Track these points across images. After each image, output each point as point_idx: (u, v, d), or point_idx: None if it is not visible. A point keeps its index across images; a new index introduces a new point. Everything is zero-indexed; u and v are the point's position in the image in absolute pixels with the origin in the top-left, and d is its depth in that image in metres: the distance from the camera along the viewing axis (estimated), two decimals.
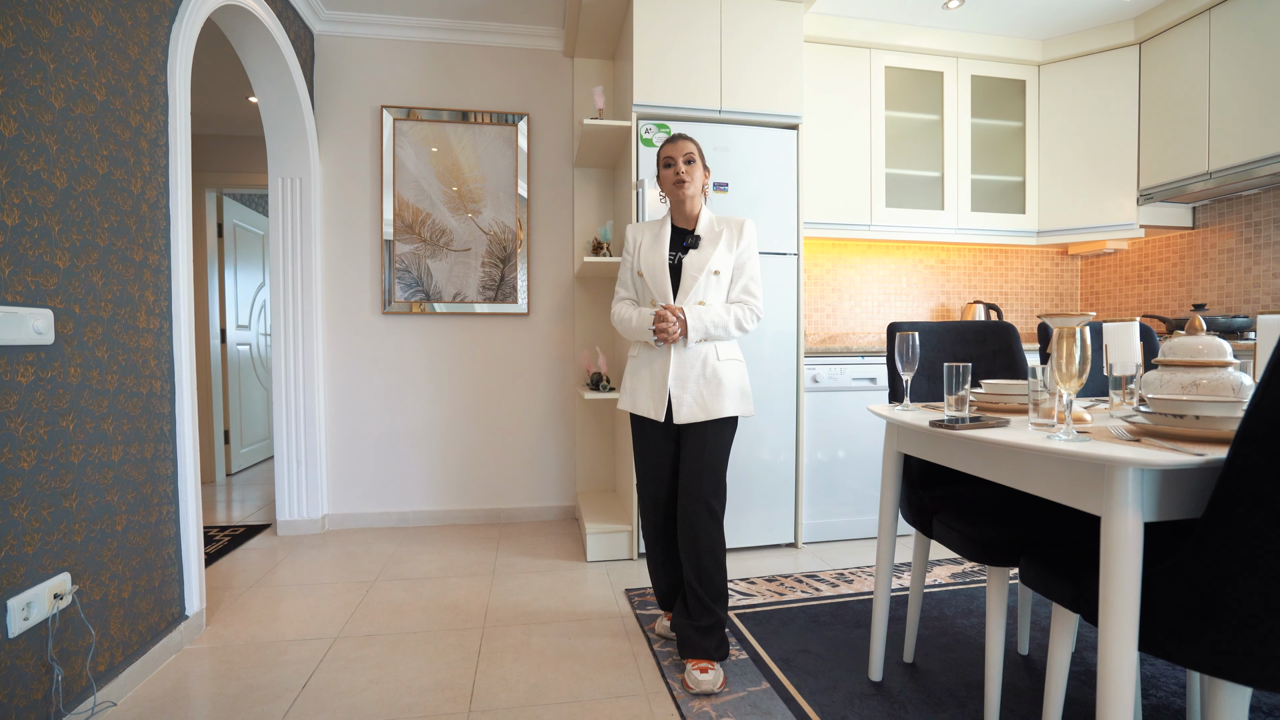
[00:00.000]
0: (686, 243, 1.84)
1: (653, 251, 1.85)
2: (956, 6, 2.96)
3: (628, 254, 1.93)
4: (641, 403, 1.85)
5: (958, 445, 1.36)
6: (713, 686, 1.63)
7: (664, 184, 1.86)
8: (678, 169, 1.81)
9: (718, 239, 1.83)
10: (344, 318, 3.11)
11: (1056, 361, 1.12)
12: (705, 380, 1.79)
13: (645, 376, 1.85)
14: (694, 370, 1.79)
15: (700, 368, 1.79)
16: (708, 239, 1.83)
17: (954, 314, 3.63)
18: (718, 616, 1.72)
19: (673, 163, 1.82)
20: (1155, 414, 1.12)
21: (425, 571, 2.54)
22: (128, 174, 1.70)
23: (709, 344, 1.82)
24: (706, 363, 1.80)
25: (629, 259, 1.93)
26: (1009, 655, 1.82)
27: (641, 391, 1.85)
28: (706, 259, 1.80)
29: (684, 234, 1.87)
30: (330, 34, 3.06)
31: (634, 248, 1.92)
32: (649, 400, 1.83)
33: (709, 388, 1.78)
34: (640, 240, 1.91)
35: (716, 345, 1.82)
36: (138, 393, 1.73)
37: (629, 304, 1.92)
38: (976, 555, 1.42)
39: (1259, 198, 2.91)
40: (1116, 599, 0.97)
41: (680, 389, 1.79)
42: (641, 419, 1.89)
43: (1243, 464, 0.86)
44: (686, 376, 1.79)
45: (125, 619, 1.66)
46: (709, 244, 1.82)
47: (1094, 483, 1.01)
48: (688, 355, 1.80)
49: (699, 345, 1.81)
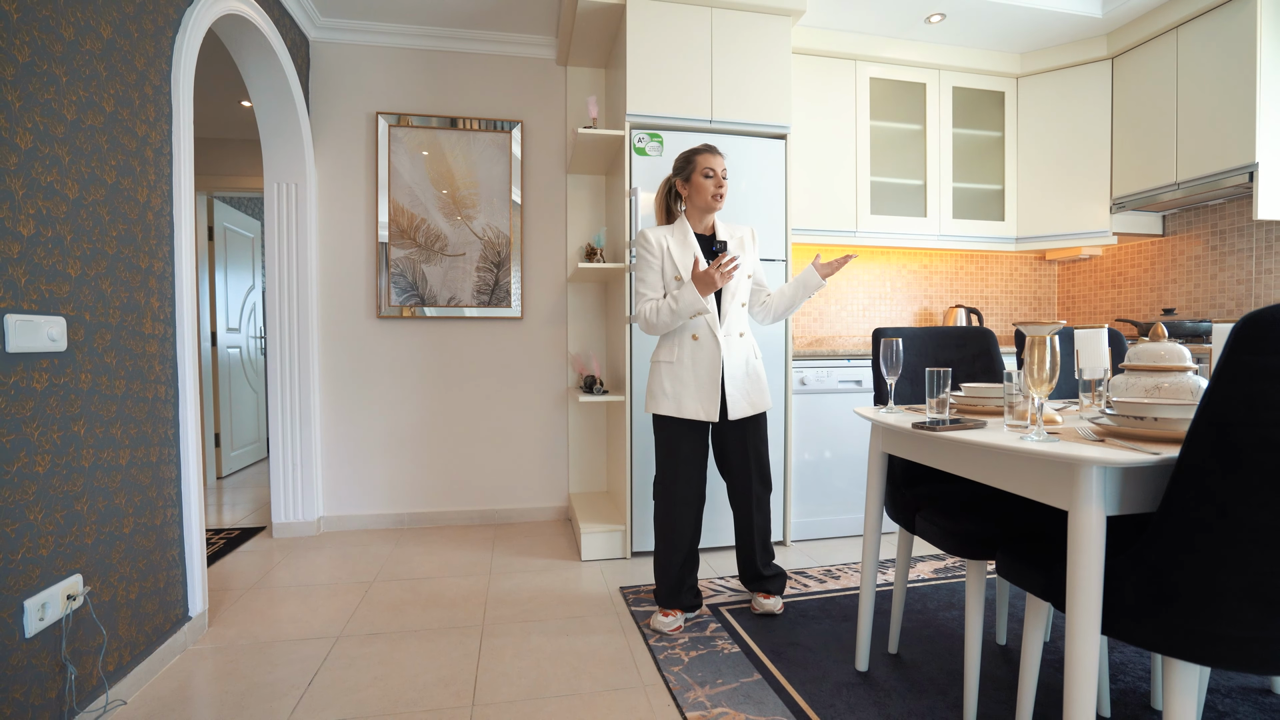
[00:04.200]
0: (715, 248, 1.97)
1: (686, 255, 1.95)
2: (938, 21, 3.06)
3: (653, 257, 1.96)
4: (689, 406, 1.93)
5: (938, 446, 1.44)
6: (775, 608, 2.10)
7: (700, 192, 1.95)
8: (719, 181, 1.94)
9: (741, 245, 2.01)
10: (339, 322, 3.14)
11: (1029, 367, 1.21)
12: (749, 377, 2.00)
13: (690, 380, 1.93)
14: (740, 369, 1.98)
15: (745, 366, 2.00)
16: (734, 245, 2.00)
17: (936, 318, 3.74)
18: (779, 567, 2.19)
19: (713, 174, 1.94)
20: (1119, 416, 1.21)
21: (423, 572, 2.58)
22: (134, 183, 1.73)
23: (749, 341, 2.01)
24: (749, 361, 2.01)
25: (655, 262, 1.96)
26: (988, 645, 1.91)
27: (687, 395, 1.93)
28: (741, 263, 1.97)
29: (707, 240, 2.02)
30: (326, 41, 3.09)
31: (660, 251, 1.96)
32: (697, 403, 1.93)
33: (753, 384, 2.00)
34: (666, 244, 1.96)
35: (754, 345, 2.03)
36: (144, 397, 1.76)
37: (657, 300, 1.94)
38: (956, 549, 1.50)
39: (1224, 207, 3.04)
40: (1082, 586, 1.05)
41: (733, 387, 1.96)
42: (678, 421, 1.96)
43: (1192, 461, 0.95)
44: (737, 375, 1.98)
45: (133, 619, 1.69)
46: (736, 249, 2.00)
47: (1062, 480, 1.09)
48: (735, 355, 1.97)
49: (741, 344, 1.99)
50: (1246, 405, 0.89)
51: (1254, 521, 0.90)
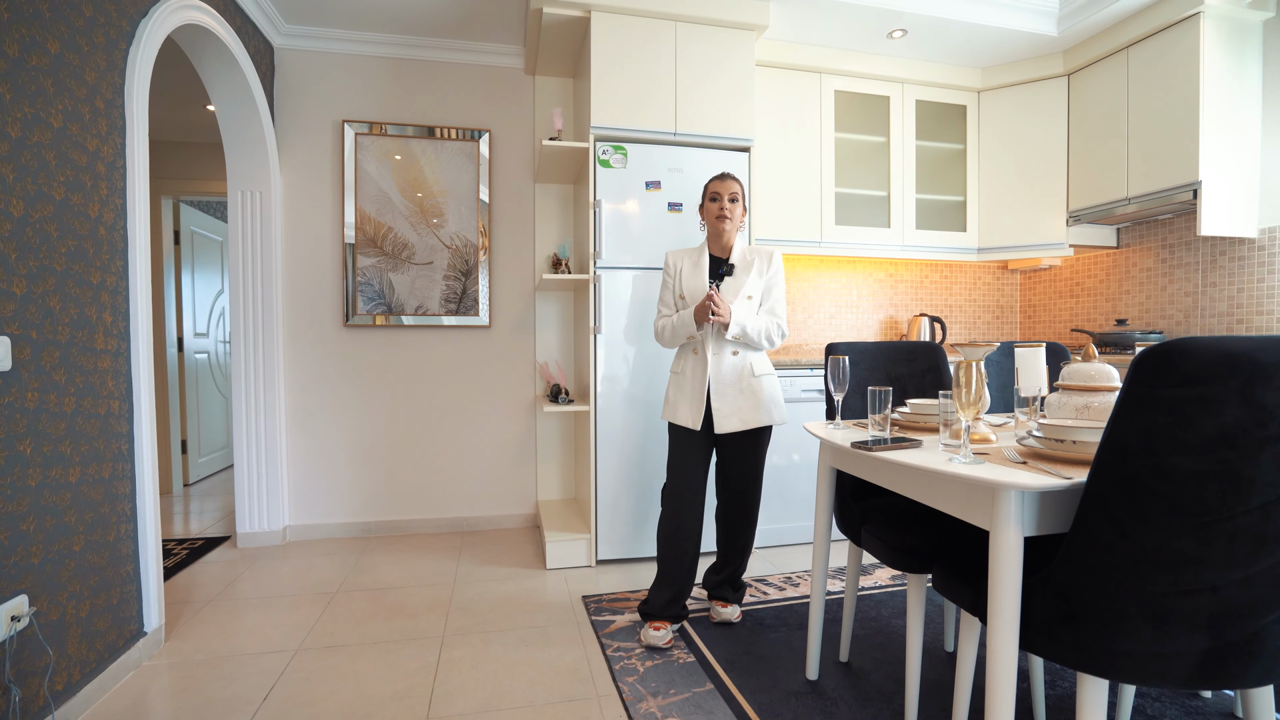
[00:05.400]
0: (722, 270, 2.06)
1: (694, 277, 2.09)
2: (900, 36, 3.13)
3: (668, 278, 2.16)
4: (681, 414, 2.07)
5: (877, 464, 1.48)
6: (732, 617, 2.16)
7: (706, 215, 2.11)
8: (722, 205, 2.06)
9: (750, 267, 2.07)
10: (305, 330, 3.13)
11: (956, 392, 1.26)
12: (742, 393, 2.03)
13: (687, 389, 2.08)
14: (732, 384, 2.03)
15: (737, 382, 2.03)
16: (741, 267, 2.07)
17: (901, 326, 3.81)
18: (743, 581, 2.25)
19: (719, 198, 2.07)
20: (1045, 439, 1.26)
21: (387, 582, 2.59)
22: (85, 198, 1.72)
23: (745, 359, 2.05)
24: (743, 377, 2.04)
25: (670, 282, 2.15)
26: (936, 652, 1.97)
27: (682, 403, 2.08)
28: (741, 285, 2.04)
29: (719, 262, 2.11)
30: (291, 48, 3.07)
31: (675, 273, 2.14)
32: (688, 411, 2.05)
33: (747, 400, 2.03)
34: (680, 266, 2.13)
35: (752, 361, 2.06)
36: (96, 414, 1.75)
37: (669, 318, 2.12)
38: (896, 562, 1.55)
39: (1173, 222, 3.15)
40: (1000, 603, 1.10)
41: (720, 401, 2.02)
42: (680, 428, 2.09)
43: (1097, 486, 1.00)
44: (725, 390, 2.02)
45: (83, 638, 1.68)
46: (742, 271, 2.06)
47: (984, 502, 1.14)
48: (725, 369, 2.03)
49: (736, 360, 2.04)
50: (1144, 434, 0.94)
51: (1149, 544, 0.95)
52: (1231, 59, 2.73)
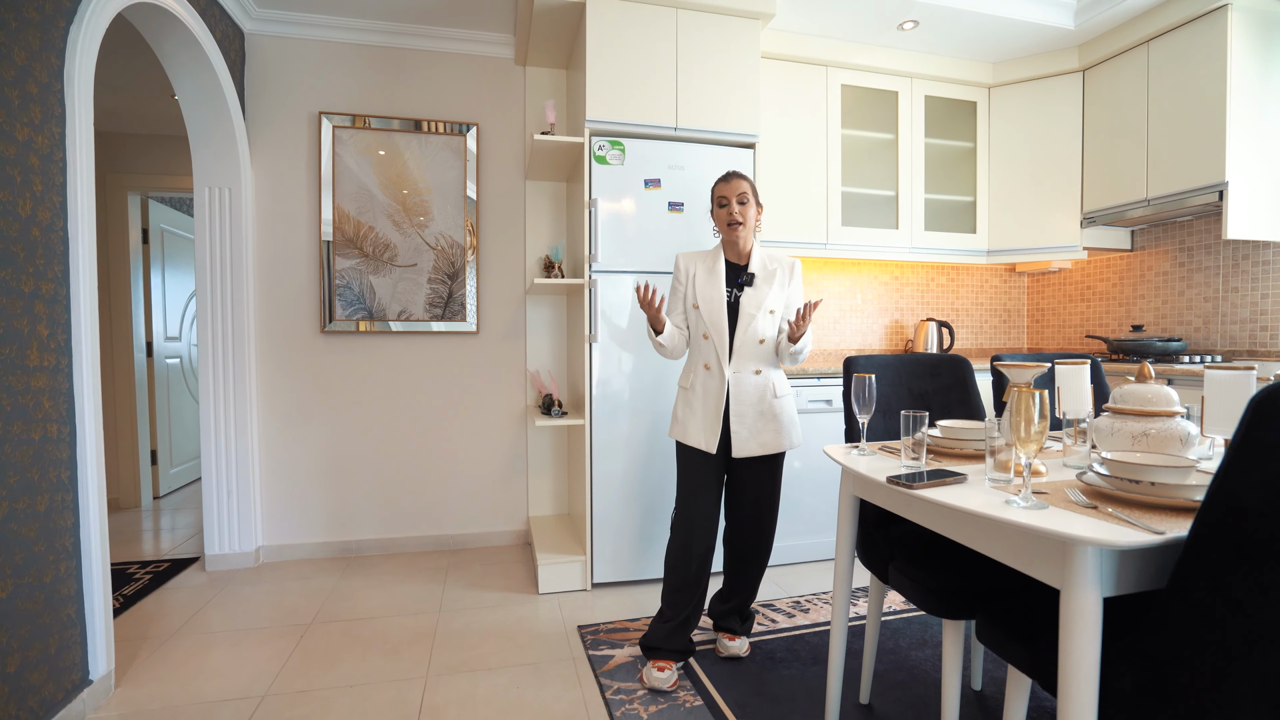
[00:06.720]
0: (741, 279, 1.88)
1: (709, 286, 1.89)
2: (911, 28, 2.97)
3: (679, 283, 1.96)
4: (693, 434, 1.88)
5: (915, 501, 1.32)
6: (740, 651, 2.01)
7: (717, 221, 1.92)
8: (731, 209, 1.86)
9: (771, 278, 1.88)
10: (280, 337, 2.92)
11: (1014, 423, 1.09)
12: (762, 416, 1.86)
13: (698, 408, 1.89)
14: (752, 406, 1.85)
15: (758, 404, 1.85)
16: (762, 277, 1.88)
17: (908, 330, 3.67)
18: (752, 610, 2.10)
19: (726, 202, 1.87)
20: (1112, 478, 1.10)
21: (367, 610, 2.40)
22: (13, 194, 1.51)
23: (768, 378, 1.87)
24: (764, 399, 1.86)
25: (680, 289, 1.96)
26: (963, 693, 1.81)
27: (693, 423, 1.89)
28: (763, 298, 1.85)
29: (737, 269, 1.91)
30: (263, 34, 2.86)
31: (687, 279, 1.94)
32: (701, 433, 1.87)
33: (766, 424, 1.86)
34: (693, 272, 1.93)
35: (774, 381, 1.88)
36: (28, 439, 1.55)
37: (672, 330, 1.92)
38: (933, 607, 1.39)
39: (1192, 224, 3.02)
40: (1075, 677, 0.94)
41: (739, 423, 1.85)
42: (691, 449, 1.90)
43: (1201, 547, 0.84)
44: (745, 412, 1.85)
45: (11, 696, 1.48)
46: (764, 282, 1.87)
47: (1053, 556, 0.98)
48: (747, 389, 1.85)
49: (759, 379, 1.86)
50: (1267, 490, 0.78)
51: (1271, 618, 0.80)
52: (1259, 54, 2.60)
